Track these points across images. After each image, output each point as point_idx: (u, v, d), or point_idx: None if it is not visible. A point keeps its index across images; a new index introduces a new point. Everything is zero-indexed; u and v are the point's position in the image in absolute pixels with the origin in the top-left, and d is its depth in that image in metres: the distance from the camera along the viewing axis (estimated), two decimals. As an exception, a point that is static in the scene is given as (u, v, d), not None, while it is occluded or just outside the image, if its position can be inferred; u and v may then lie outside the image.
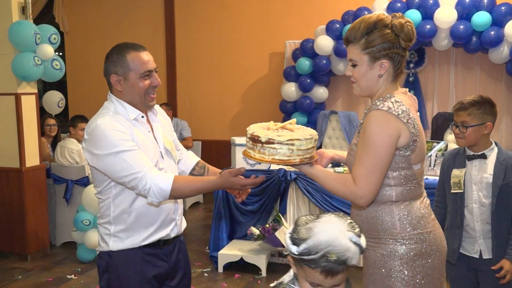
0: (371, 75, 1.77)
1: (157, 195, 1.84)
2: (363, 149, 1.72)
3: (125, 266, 1.97)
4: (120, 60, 1.95)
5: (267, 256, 4.23)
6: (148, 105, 2.01)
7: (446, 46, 5.37)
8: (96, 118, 1.94)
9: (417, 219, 1.81)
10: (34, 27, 4.35)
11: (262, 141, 1.67)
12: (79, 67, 7.65)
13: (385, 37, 1.72)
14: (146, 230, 1.98)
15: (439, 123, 5.38)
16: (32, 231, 4.70)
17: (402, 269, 1.78)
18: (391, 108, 1.70)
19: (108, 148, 1.84)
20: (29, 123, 4.64)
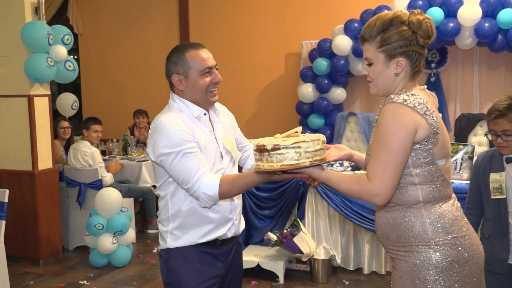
0: (388, 74, 1.70)
1: (207, 201, 1.88)
2: (377, 144, 1.63)
3: (183, 263, 1.98)
4: (180, 60, 1.96)
5: (284, 262, 4.09)
6: (210, 102, 2.01)
7: (469, 45, 5.18)
8: (160, 115, 1.97)
9: (450, 222, 1.69)
10: (47, 28, 4.28)
11: (268, 149, 1.63)
12: (93, 69, 7.61)
13: (402, 34, 1.66)
14: (202, 229, 1.98)
15: (462, 124, 5.19)
16: (44, 235, 4.62)
17: (438, 279, 1.66)
18: (407, 100, 1.63)
19: (169, 146, 1.86)
20: (42, 126, 4.57)
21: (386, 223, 1.75)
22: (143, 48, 7.24)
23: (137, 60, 7.30)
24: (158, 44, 7.09)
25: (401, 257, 1.72)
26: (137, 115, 6.47)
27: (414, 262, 1.68)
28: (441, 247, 1.67)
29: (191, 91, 1.97)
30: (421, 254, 1.67)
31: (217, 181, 1.85)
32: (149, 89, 7.19)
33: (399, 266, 1.73)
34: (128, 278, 4.27)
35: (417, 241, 1.68)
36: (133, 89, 7.37)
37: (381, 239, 1.81)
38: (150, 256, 4.79)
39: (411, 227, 1.69)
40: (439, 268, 1.66)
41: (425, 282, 1.66)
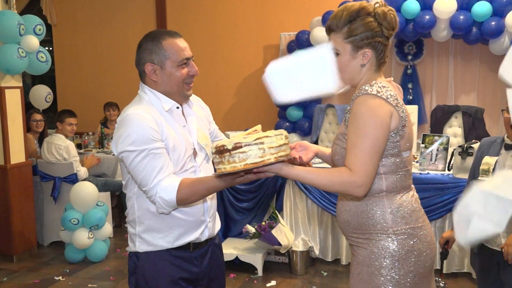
0: (354, 65, 1.71)
1: (164, 206, 1.76)
2: (357, 135, 1.61)
3: (152, 269, 1.86)
4: (155, 47, 1.80)
5: (263, 254, 4.09)
6: (185, 95, 1.88)
7: (445, 37, 5.22)
8: (129, 107, 1.82)
9: (409, 212, 1.73)
10: (18, 18, 4.16)
11: (229, 149, 1.51)
12: (68, 60, 7.45)
13: (368, 26, 1.67)
14: (173, 233, 1.85)
15: (438, 116, 5.24)
16: (18, 231, 4.52)
17: (393, 267, 1.69)
18: (380, 92, 1.65)
19: (134, 143, 1.73)
20: (14, 119, 4.45)
21: (348, 210, 1.77)
22: (119, 39, 7.12)
23: (113, 52, 7.18)
24: (134, 35, 6.97)
25: (360, 244, 1.75)
26: (107, 108, 6.35)
27: (372, 249, 1.71)
28: (399, 236, 1.70)
29: (165, 82, 1.82)
30: (380, 242, 1.70)
31: (176, 185, 1.72)
32: (126, 81, 7.07)
33: (357, 253, 1.76)
34: (104, 273, 4.21)
35: (376, 229, 1.71)
36: (110, 81, 7.25)
37: (341, 226, 1.84)
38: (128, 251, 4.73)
39: (372, 215, 1.71)
40: (395, 256, 1.69)
41: (381, 269, 1.69)
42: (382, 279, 1.69)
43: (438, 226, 3.96)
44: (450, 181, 3.85)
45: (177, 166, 1.83)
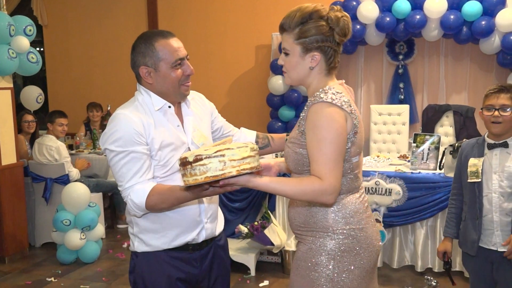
0: (302, 67, 1.72)
1: (134, 208, 1.78)
2: (320, 144, 1.62)
3: (149, 269, 1.87)
4: (148, 50, 1.79)
5: (256, 254, 4.09)
6: (183, 95, 1.87)
7: (436, 37, 5.26)
8: (120, 107, 1.84)
9: (350, 213, 1.75)
10: (8, 18, 4.14)
11: (190, 161, 1.48)
12: (59, 61, 7.41)
13: (319, 29, 1.68)
14: (169, 233, 1.86)
15: (429, 115, 5.28)
16: (9, 232, 4.49)
17: (327, 265, 1.74)
18: (334, 99, 1.66)
19: (117, 144, 1.76)
20: (5, 120, 4.43)
21: (295, 206, 1.82)
22: (110, 40, 7.09)
23: (105, 52, 7.16)
24: (126, 36, 6.95)
25: (302, 240, 1.80)
26: (90, 108, 6.29)
27: (311, 246, 1.76)
28: (337, 235, 1.73)
29: (161, 84, 1.81)
30: (319, 239, 1.75)
31: (147, 191, 1.73)
32: (117, 82, 7.05)
33: (299, 248, 1.82)
34: (97, 274, 4.19)
35: (317, 227, 1.75)
36: (101, 81, 7.22)
37: (290, 222, 1.89)
38: (120, 251, 4.72)
39: (315, 213, 1.75)
40: (331, 255, 1.73)
41: (317, 266, 1.74)
42: (317, 275, 1.73)
43: (430, 225, 3.98)
44: (442, 180, 3.88)
45: (165, 166, 1.83)
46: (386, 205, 3.98)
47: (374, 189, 4.00)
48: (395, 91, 5.85)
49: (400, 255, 4.12)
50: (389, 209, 4.00)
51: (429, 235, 4.00)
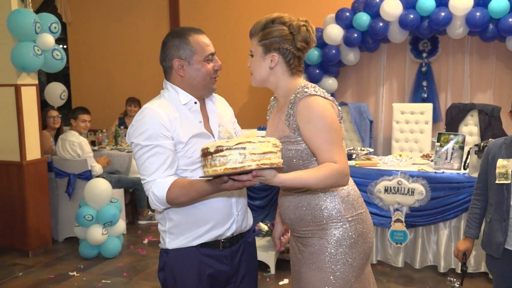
0: (263, 66, 1.86)
1: (155, 201, 1.81)
2: (321, 133, 1.74)
3: (181, 266, 1.88)
4: (183, 43, 1.87)
5: (276, 253, 4.08)
6: (211, 89, 1.95)
7: (461, 34, 5.16)
8: (148, 103, 1.90)
9: (356, 199, 1.90)
10: (34, 16, 4.20)
11: (211, 152, 1.49)
12: (82, 58, 7.51)
13: (279, 32, 1.82)
14: (201, 227, 1.87)
15: (453, 114, 5.20)
16: (33, 226, 4.57)
17: (348, 252, 1.84)
18: (317, 91, 1.80)
19: (143, 138, 1.79)
20: (30, 115, 4.50)
21: (300, 206, 1.88)
22: (133, 37, 7.15)
23: (127, 49, 7.22)
24: (148, 33, 7.01)
25: (315, 235, 1.87)
26: (129, 103, 6.40)
27: (327, 238, 1.84)
28: (351, 222, 1.86)
29: (193, 77, 1.88)
30: (333, 230, 1.84)
31: (168, 183, 1.76)
32: (139, 79, 7.11)
33: (312, 243, 1.87)
34: (118, 269, 4.24)
35: (330, 219, 1.84)
36: (123, 78, 7.29)
37: (292, 223, 1.93)
38: (141, 247, 4.76)
39: (325, 207, 1.85)
40: (348, 242, 1.84)
41: (337, 255, 1.84)
42: (339, 266, 1.83)
43: (453, 226, 3.92)
44: (466, 180, 3.81)
45: (191, 160, 1.85)
46: (408, 205, 3.93)
47: (397, 189, 3.95)
48: (418, 89, 5.77)
49: (423, 255, 4.06)
50: (411, 209, 3.95)
51: (453, 236, 3.94)
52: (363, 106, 5.67)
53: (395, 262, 4.12)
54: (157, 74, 7.32)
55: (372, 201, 4.03)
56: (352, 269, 1.85)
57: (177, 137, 1.82)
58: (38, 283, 3.96)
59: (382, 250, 4.20)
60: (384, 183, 3.99)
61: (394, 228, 3.99)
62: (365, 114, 5.62)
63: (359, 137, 5.57)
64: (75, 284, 3.92)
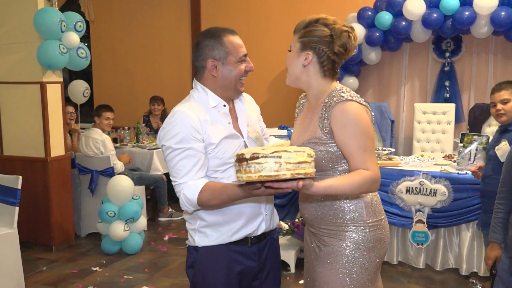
0: (297, 63, 1.88)
1: (186, 203, 1.83)
2: (356, 139, 1.76)
3: (211, 263, 1.91)
4: (217, 44, 1.87)
5: (296, 251, 4.09)
6: (239, 91, 1.96)
7: (485, 34, 5.09)
8: (178, 105, 1.91)
9: (377, 205, 1.92)
10: (60, 14, 4.26)
11: (247, 158, 1.50)
12: (104, 56, 7.60)
13: (319, 32, 1.83)
14: (231, 226, 1.90)
15: (476, 114, 5.14)
16: (57, 222, 4.65)
17: (365, 255, 1.87)
18: (353, 96, 1.81)
19: (174, 141, 1.81)
20: (54, 113, 4.58)
21: (323, 205, 1.90)
22: (154, 35, 7.21)
23: (149, 48, 7.28)
24: (169, 31, 7.06)
25: (333, 235, 1.89)
26: (153, 101, 6.45)
27: (345, 241, 1.87)
28: (372, 228, 1.88)
29: (225, 77, 1.88)
30: (352, 233, 1.86)
31: (200, 186, 1.78)
32: (160, 77, 7.17)
33: (330, 243, 1.89)
34: (139, 265, 4.29)
35: (353, 222, 1.87)
36: (145, 76, 7.36)
37: (312, 219, 1.94)
38: (162, 244, 4.81)
39: (349, 210, 1.87)
40: (366, 246, 1.87)
41: (354, 258, 1.86)
42: (355, 269, 1.86)
43: (476, 228, 3.87)
44: (489, 182, 3.76)
45: (221, 161, 1.86)
46: (430, 206, 3.90)
47: (418, 189, 3.92)
48: (441, 89, 5.71)
49: (444, 257, 4.03)
50: (433, 209, 3.92)
51: (475, 238, 3.89)
52: (384, 105, 5.63)
53: (416, 263, 4.10)
54: (177, 72, 7.38)
55: (393, 201, 4.01)
56: (368, 272, 1.88)
57: (207, 139, 1.83)
58: (62, 277, 4.04)
59: (403, 251, 4.18)
60: (406, 184, 3.96)
61: (416, 229, 3.96)
62: (386, 113, 5.58)
63: (380, 136, 5.54)
64: (98, 279, 3.98)
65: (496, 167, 2.86)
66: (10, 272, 3.67)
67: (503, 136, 3.01)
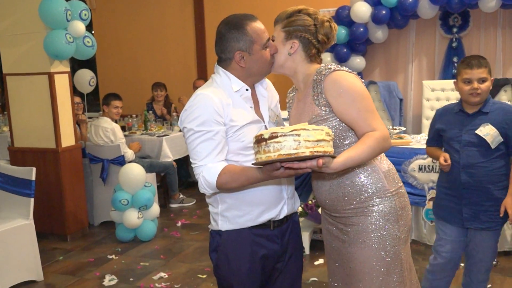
0: (282, 52, 1.90)
1: (205, 186, 1.83)
2: (355, 104, 1.78)
3: (234, 247, 1.92)
4: (241, 34, 1.85)
5: (310, 233, 4.11)
6: (268, 72, 1.97)
7: (493, 7, 5.03)
8: (200, 88, 1.91)
9: (394, 173, 1.95)
10: (65, 3, 4.23)
11: (265, 138, 1.50)
12: (108, 44, 7.56)
13: (303, 21, 1.87)
14: (254, 210, 1.91)
15: (486, 90, 5.09)
16: (70, 211, 4.68)
17: (395, 225, 1.88)
18: (341, 67, 1.85)
19: (196, 123, 1.81)
20: (63, 103, 4.57)
21: (342, 185, 1.89)
22: (158, 22, 7.16)
23: (152, 34, 7.24)
24: (172, 18, 7.00)
25: (359, 213, 1.88)
26: (155, 88, 6.43)
27: (374, 215, 1.87)
28: (395, 196, 1.89)
29: (253, 66, 1.88)
30: (379, 206, 1.87)
31: (219, 169, 1.78)
32: (165, 63, 7.14)
33: (357, 222, 1.89)
34: (155, 252, 4.33)
35: (377, 194, 1.87)
36: (149, 63, 7.33)
37: (333, 203, 1.93)
38: (175, 230, 4.84)
39: (371, 182, 1.87)
40: (395, 216, 1.88)
41: (385, 231, 1.86)
42: (389, 241, 1.86)
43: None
44: (503, 157, 3.74)
45: (242, 144, 1.87)
46: (443, 183, 3.89)
47: (431, 167, 3.91)
48: (449, 65, 5.66)
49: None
50: (447, 187, 3.91)
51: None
52: (392, 84, 5.60)
53: (430, 241, 4.11)
54: (182, 58, 7.33)
55: (406, 180, 4.01)
56: (400, 242, 1.89)
57: (229, 122, 1.83)
58: (79, 266, 4.08)
59: (416, 229, 4.19)
60: (418, 162, 3.95)
61: (429, 206, 3.96)
62: (394, 92, 5.55)
63: (389, 115, 5.52)
64: (115, 267, 4.01)
65: (485, 153, 2.53)
66: (29, 263, 3.71)
67: (478, 120, 2.57)
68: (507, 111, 2.55)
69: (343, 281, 2.00)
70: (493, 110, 2.56)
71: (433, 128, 2.79)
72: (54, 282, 3.80)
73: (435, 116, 2.79)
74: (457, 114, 2.65)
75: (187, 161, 6.30)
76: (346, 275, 1.96)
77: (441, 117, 2.73)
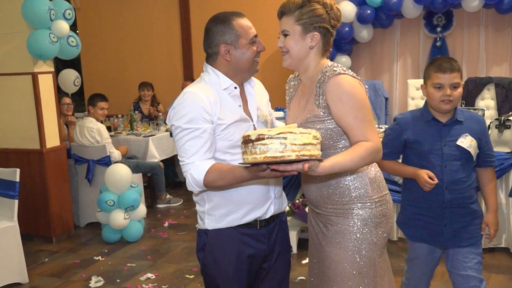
0: (303, 46, 1.86)
1: (192, 183, 1.83)
2: (353, 111, 1.77)
3: (221, 246, 1.93)
4: (227, 28, 1.87)
5: (297, 232, 4.12)
6: (255, 70, 1.97)
7: (476, 7, 5.10)
8: (189, 86, 1.91)
9: (381, 181, 1.94)
10: (48, 3, 4.17)
11: (252, 139, 1.50)
12: (93, 44, 7.49)
13: (317, 12, 1.83)
14: (240, 209, 1.91)
15: (469, 88, 5.16)
16: (56, 213, 4.63)
17: (373, 231, 1.89)
18: (345, 70, 1.83)
19: (184, 121, 1.81)
20: (48, 103, 4.52)
21: (328, 185, 1.91)
22: (143, 21, 7.11)
23: (138, 33, 7.19)
24: (157, 17, 6.97)
25: (340, 214, 1.90)
26: (142, 87, 6.40)
27: (353, 218, 1.88)
28: (377, 203, 1.90)
29: (239, 60, 1.88)
30: (359, 210, 1.88)
31: (207, 167, 1.78)
32: (151, 63, 7.10)
33: (337, 222, 1.91)
34: (142, 253, 4.30)
35: (359, 199, 1.88)
36: (135, 63, 7.28)
37: (317, 200, 1.95)
38: (162, 230, 4.82)
39: (355, 187, 1.88)
40: (374, 222, 1.89)
41: (362, 235, 1.88)
42: (364, 245, 1.88)
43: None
44: (487, 155, 3.79)
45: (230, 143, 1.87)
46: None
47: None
48: (433, 64, 5.72)
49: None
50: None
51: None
52: (377, 83, 5.64)
53: (416, 238, 4.15)
54: (168, 57, 7.30)
55: (392, 178, 4.04)
56: (377, 248, 1.90)
57: (217, 120, 1.84)
58: (65, 268, 4.03)
59: (402, 227, 4.22)
60: (403, 160, 3.98)
61: (415, 204, 3.99)
62: (380, 91, 5.59)
63: (375, 114, 5.56)
64: (101, 268, 3.98)
65: (466, 167, 2.26)
66: (13, 265, 3.67)
67: (454, 130, 2.27)
68: (478, 120, 2.33)
69: (318, 278, 2.01)
70: (466, 118, 2.29)
71: (396, 139, 2.37)
72: (40, 284, 3.75)
73: (398, 124, 2.38)
74: (429, 123, 2.29)
75: (174, 161, 6.28)
76: (321, 273, 1.97)
77: (409, 127, 2.33)
